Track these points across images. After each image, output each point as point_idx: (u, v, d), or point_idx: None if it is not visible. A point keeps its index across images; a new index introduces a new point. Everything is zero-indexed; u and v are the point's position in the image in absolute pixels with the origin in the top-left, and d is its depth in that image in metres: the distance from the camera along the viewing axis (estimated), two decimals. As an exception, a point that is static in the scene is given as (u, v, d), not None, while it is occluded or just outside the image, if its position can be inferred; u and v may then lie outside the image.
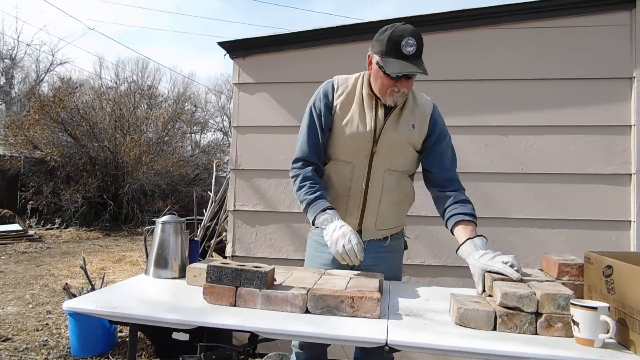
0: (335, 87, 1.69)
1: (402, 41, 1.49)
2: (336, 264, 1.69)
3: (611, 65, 2.51)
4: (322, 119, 1.66)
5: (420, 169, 1.75)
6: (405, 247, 1.84)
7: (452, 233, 1.59)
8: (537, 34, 2.59)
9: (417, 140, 1.67)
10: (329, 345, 1.76)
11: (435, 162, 1.68)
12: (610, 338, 1.15)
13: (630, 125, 2.49)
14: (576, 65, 2.54)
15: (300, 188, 1.64)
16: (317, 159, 1.67)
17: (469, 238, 1.49)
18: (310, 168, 1.66)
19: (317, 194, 1.61)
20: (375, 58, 1.56)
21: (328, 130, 1.68)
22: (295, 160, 1.69)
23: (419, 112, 1.66)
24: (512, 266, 1.34)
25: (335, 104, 1.67)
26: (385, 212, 1.69)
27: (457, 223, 1.57)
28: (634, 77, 2.48)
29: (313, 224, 1.63)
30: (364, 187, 1.66)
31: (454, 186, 1.66)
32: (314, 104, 1.69)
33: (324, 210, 1.56)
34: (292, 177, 1.69)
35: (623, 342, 1.16)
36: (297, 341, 1.80)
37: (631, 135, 2.49)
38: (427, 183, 1.73)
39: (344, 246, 1.48)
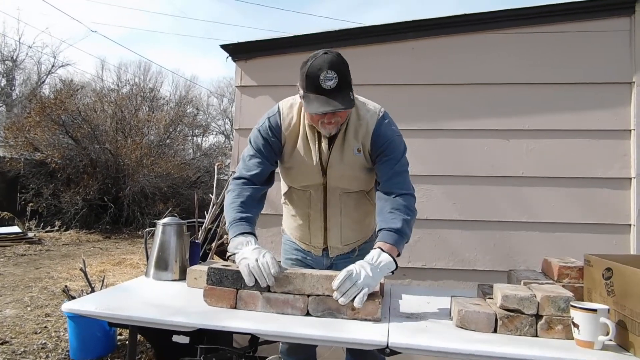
0: (282, 118, 1.60)
1: (320, 75, 1.39)
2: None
3: (611, 70, 2.52)
4: (271, 145, 1.60)
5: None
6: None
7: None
8: (538, 38, 2.60)
9: (366, 161, 1.59)
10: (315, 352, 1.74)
11: (381, 173, 1.58)
12: (610, 340, 1.16)
13: (630, 130, 2.50)
14: (576, 70, 2.56)
15: (231, 203, 1.55)
16: (257, 179, 1.60)
17: (379, 248, 1.43)
18: (248, 188, 1.57)
19: (244, 215, 1.50)
20: (300, 91, 1.47)
21: (278, 154, 1.63)
22: (237, 178, 1.62)
23: (362, 130, 1.56)
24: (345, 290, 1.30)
25: (283, 133, 1.60)
26: (348, 231, 1.70)
27: (380, 237, 1.49)
28: (634, 81, 2.49)
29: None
30: (323, 212, 1.66)
31: (396, 192, 1.53)
32: (259, 130, 1.62)
33: (243, 233, 1.45)
34: (229, 191, 1.61)
35: (623, 344, 1.17)
36: (284, 347, 1.83)
37: (631, 140, 2.50)
38: (375, 184, 1.64)
39: (256, 260, 1.35)
